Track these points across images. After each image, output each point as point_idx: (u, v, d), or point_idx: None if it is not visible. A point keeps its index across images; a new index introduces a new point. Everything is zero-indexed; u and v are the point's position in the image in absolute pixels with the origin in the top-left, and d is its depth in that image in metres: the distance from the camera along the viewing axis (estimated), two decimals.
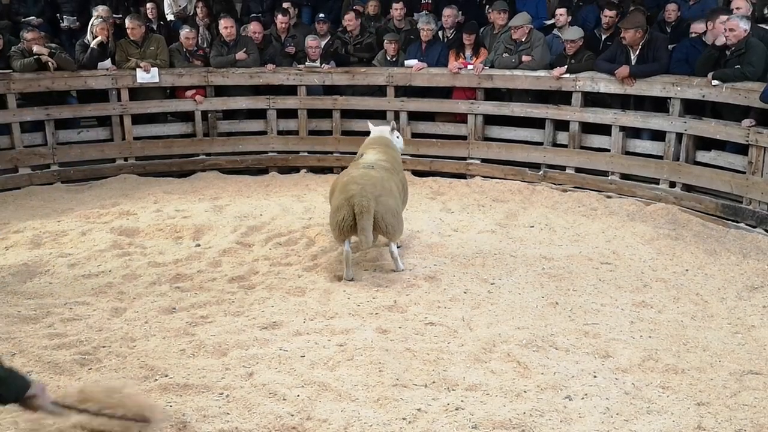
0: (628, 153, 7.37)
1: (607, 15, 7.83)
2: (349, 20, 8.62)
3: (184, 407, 3.39)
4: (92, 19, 8.06)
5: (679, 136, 6.92)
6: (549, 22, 8.75)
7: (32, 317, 4.41)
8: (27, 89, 7.71)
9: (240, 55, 8.28)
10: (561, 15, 8.25)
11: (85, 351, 3.96)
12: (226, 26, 8.31)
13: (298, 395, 3.52)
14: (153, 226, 6.24)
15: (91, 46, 7.69)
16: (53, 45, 7.99)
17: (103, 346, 4.03)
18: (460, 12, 8.95)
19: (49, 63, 7.68)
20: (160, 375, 3.71)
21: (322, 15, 8.98)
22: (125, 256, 5.50)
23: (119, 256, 5.50)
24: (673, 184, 7.02)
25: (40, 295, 4.81)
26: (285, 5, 9.29)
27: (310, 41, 8.41)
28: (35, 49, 7.65)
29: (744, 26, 6.39)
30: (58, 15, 9.35)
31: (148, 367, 3.78)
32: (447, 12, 8.54)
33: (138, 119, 8.28)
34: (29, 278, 5.10)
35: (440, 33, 8.61)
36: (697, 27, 7.17)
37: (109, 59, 8.00)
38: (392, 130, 6.12)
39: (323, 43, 8.59)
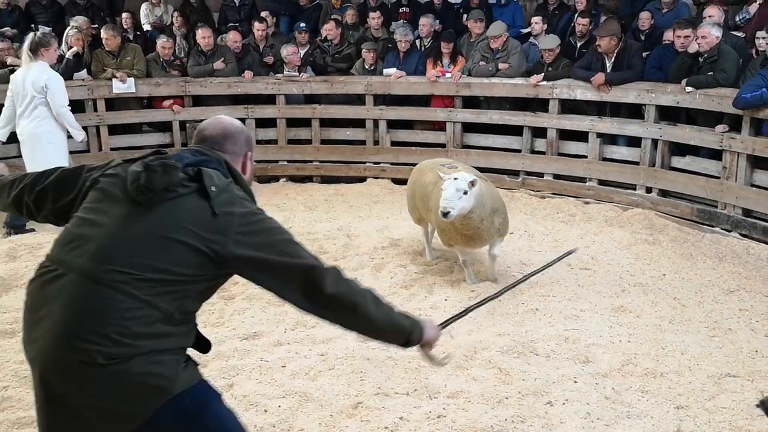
0: (605, 159, 7.45)
1: (581, 23, 7.92)
2: (329, 29, 8.63)
3: None
4: (67, 29, 8.00)
5: (655, 142, 7.00)
6: (525, 31, 8.83)
7: (8, 331, 4.35)
8: (1, 100, 7.61)
9: (218, 64, 8.26)
10: (536, 23, 8.32)
11: None
12: (203, 36, 8.28)
13: (280, 406, 3.50)
14: None
15: (67, 56, 7.62)
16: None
17: None
18: (437, 21, 9.01)
19: None
20: None
21: (303, 25, 8.99)
22: None
23: None
24: (649, 190, 7.10)
25: (16, 308, 4.73)
26: (263, 14, 9.29)
27: (290, 49, 8.40)
28: (9, 60, 7.57)
29: (716, 33, 6.49)
30: (32, 25, 9.25)
31: None
32: (423, 21, 8.59)
33: (115, 130, 8.22)
34: (5, 292, 5.02)
35: (417, 42, 8.65)
36: (670, 35, 7.28)
37: (85, 69, 7.94)
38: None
39: (302, 52, 8.60)
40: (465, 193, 4.52)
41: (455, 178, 4.54)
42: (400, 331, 2.28)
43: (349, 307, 2.16)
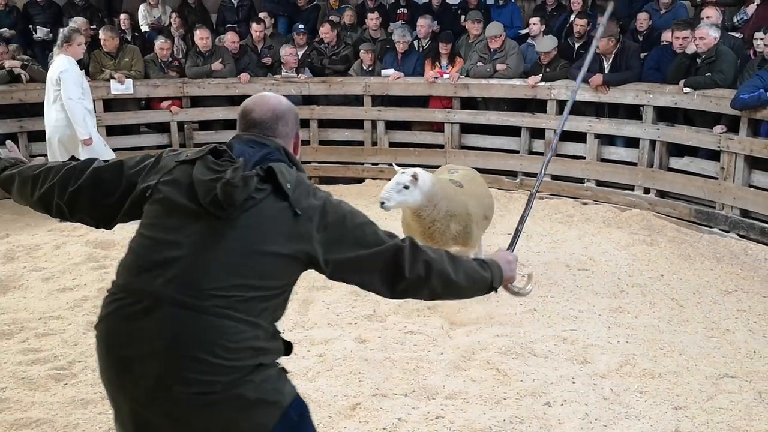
0: (603, 160, 7.45)
1: (579, 24, 7.93)
2: (325, 32, 8.63)
3: None
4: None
5: (653, 142, 7.01)
6: (524, 32, 8.83)
7: (6, 333, 4.34)
8: (1, 101, 7.62)
9: (216, 65, 8.25)
10: (534, 24, 8.33)
11: (61, 366, 3.90)
12: (201, 37, 8.27)
13: None
14: (129, 238, 6.17)
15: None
16: (25, 57, 7.90)
17: (79, 361, 3.98)
18: (435, 22, 9.01)
19: (22, 75, 7.59)
20: None
21: (301, 26, 8.98)
22: (101, 269, 5.44)
23: (95, 269, 5.43)
24: (647, 191, 7.11)
25: (14, 309, 4.74)
26: (261, 15, 9.29)
27: (288, 50, 8.40)
28: (7, 64, 7.59)
29: (714, 34, 6.50)
30: (30, 26, 9.25)
31: None
32: (421, 22, 8.59)
33: (113, 131, 8.21)
34: (2, 293, 5.02)
35: (416, 43, 8.65)
36: (668, 36, 7.29)
37: (83, 70, 7.92)
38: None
39: (300, 53, 8.60)
40: (405, 187, 4.46)
41: (402, 172, 4.53)
42: (483, 283, 2.23)
43: (433, 284, 2.11)
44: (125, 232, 6.56)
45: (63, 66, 6.49)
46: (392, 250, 2.06)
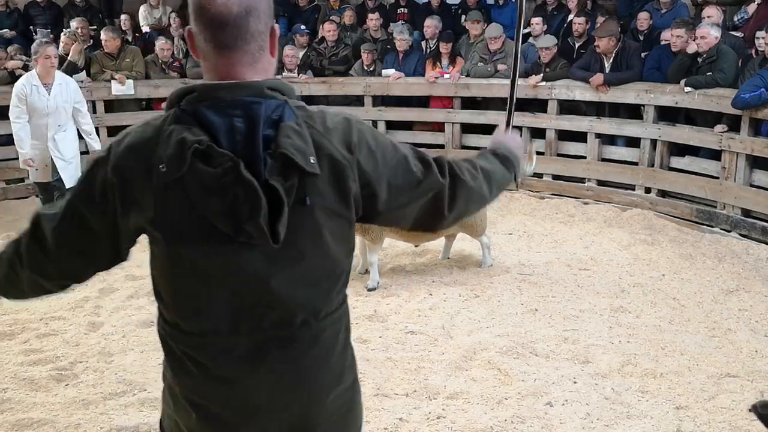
0: (603, 160, 7.45)
1: (577, 23, 7.93)
2: (329, 30, 8.63)
3: None
4: (61, 36, 7.99)
5: (654, 142, 7.01)
6: (524, 31, 8.82)
7: (7, 333, 4.35)
8: (0, 103, 7.61)
9: None
10: (537, 24, 8.33)
11: (62, 366, 3.90)
12: None
13: None
14: None
15: (69, 59, 7.62)
16: (26, 57, 7.90)
17: (80, 362, 3.98)
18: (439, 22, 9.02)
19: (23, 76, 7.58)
20: (138, 389, 3.67)
21: (303, 27, 8.98)
22: None
23: None
24: (648, 190, 7.10)
25: (15, 310, 4.74)
26: None
27: (288, 51, 8.40)
28: (9, 65, 7.59)
29: (715, 34, 6.50)
30: (31, 27, 9.26)
31: (126, 382, 3.74)
32: (428, 23, 8.57)
33: (114, 131, 8.20)
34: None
35: (423, 43, 8.66)
36: (667, 35, 7.28)
37: (84, 71, 7.94)
38: None
39: (300, 54, 8.60)
40: None
41: None
42: (509, 181, 2.00)
43: (470, 211, 1.89)
44: None
45: (19, 82, 6.10)
46: (438, 190, 1.78)
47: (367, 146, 1.63)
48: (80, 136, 6.28)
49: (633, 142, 7.25)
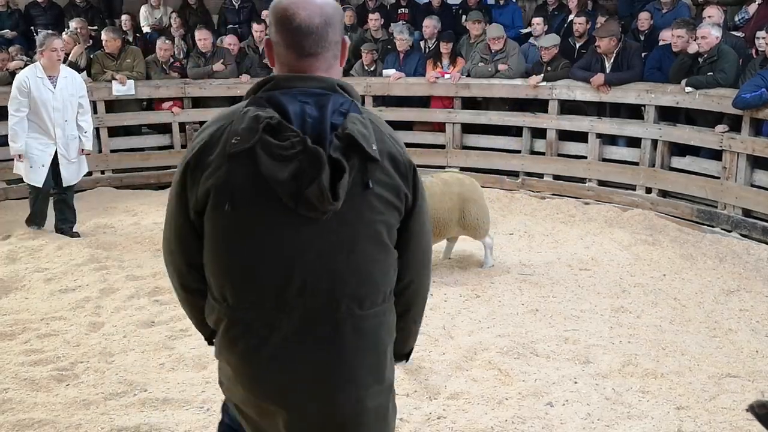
0: (604, 160, 7.45)
1: (578, 22, 7.93)
2: None
3: (164, 421, 3.36)
4: (63, 34, 7.99)
5: (655, 142, 7.00)
6: (525, 31, 8.83)
7: (8, 333, 4.34)
8: (1, 103, 7.61)
9: (217, 66, 8.26)
10: (538, 24, 8.32)
11: (63, 367, 3.90)
12: (201, 38, 8.30)
13: None
14: (131, 239, 6.19)
15: (69, 59, 7.62)
16: (25, 58, 7.91)
17: (81, 362, 3.98)
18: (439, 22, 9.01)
19: None
20: (139, 390, 3.67)
21: None
22: (102, 270, 5.44)
23: (96, 270, 5.44)
24: (649, 190, 7.10)
25: (16, 310, 4.74)
26: (262, 15, 9.29)
27: None
28: (10, 65, 7.60)
29: (715, 34, 6.50)
30: (32, 28, 9.26)
31: (126, 382, 3.74)
32: (427, 23, 8.58)
33: (114, 132, 8.22)
34: (5, 294, 5.02)
35: (422, 43, 8.66)
36: (664, 35, 7.28)
37: (85, 71, 7.94)
38: None
39: None
40: None
41: None
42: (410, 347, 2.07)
43: (418, 310, 1.93)
44: (127, 232, 6.57)
45: (21, 73, 6.00)
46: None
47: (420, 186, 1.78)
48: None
49: (634, 142, 7.25)
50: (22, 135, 5.90)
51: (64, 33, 7.90)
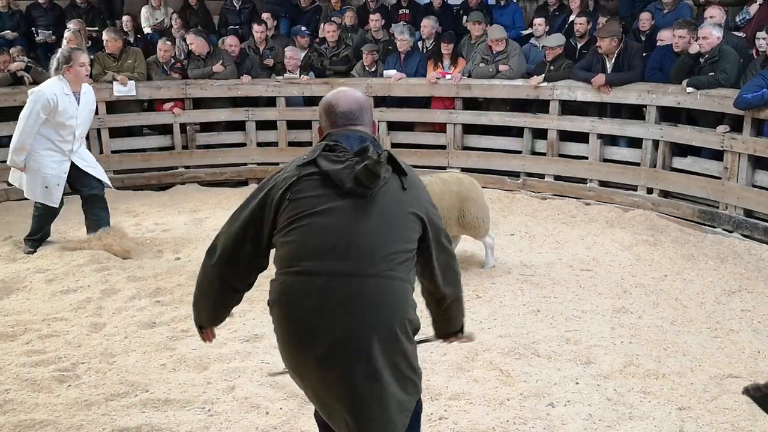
0: (605, 160, 7.44)
1: (579, 23, 7.93)
2: (330, 31, 8.64)
3: (165, 422, 3.36)
4: (66, 32, 8.01)
5: (656, 142, 7.00)
6: (525, 33, 8.82)
7: (9, 334, 4.35)
8: (2, 103, 7.63)
9: (217, 67, 8.26)
10: (539, 25, 8.32)
11: (64, 368, 3.91)
12: (190, 42, 8.32)
13: (281, 408, 3.50)
14: (132, 239, 6.19)
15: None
16: (27, 59, 7.92)
17: (82, 363, 3.98)
18: (438, 22, 9.01)
19: (25, 77, 7.61)
20: (140, 390, 3.67)
21: (304, 28, 8.99)
22: (104, 270, 5.44)
23: (98, 270, 5.44)
24: (650, 191, 7.10)
25: (18, 311, 4.75)
26: (263, 16, 9.29)
27: (289, 53, 8.41)
28: (11, 67, 7.60)
29: (717, 34, 6.49)
30: (33, 29, 9.27)
31: (128, 383, 3.74)
32: (425, 23, 8.59)
33: (116, 132, 8.23)
34: (6, 295, 5.02)
35: (420, 43, 8.65)
36: (664, 35, 7.27)
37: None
38: None
39: (302, 55, 8.60)
40: None
41: None
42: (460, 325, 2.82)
43: (457, 293, 2.64)
44: (129, 233, 6.54)
45: (48, 90, 5.51)
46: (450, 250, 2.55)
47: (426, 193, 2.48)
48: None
49: (635, 142, 7.25)
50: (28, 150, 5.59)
51: (66, 30, 7.90)
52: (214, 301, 2.53)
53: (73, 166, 5.75)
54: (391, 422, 2.29)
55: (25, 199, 7.62)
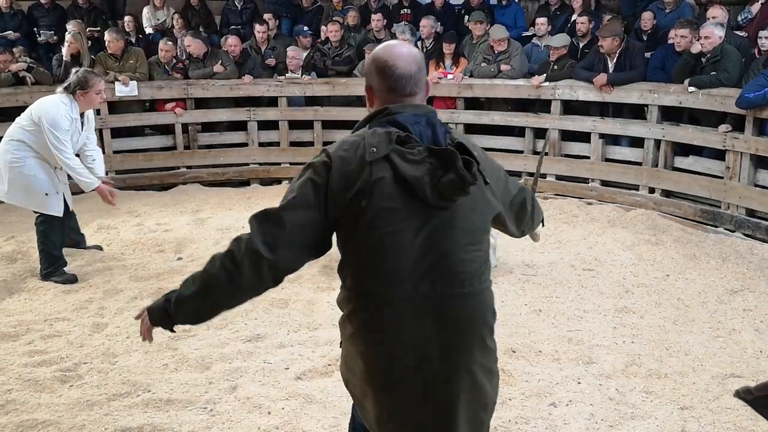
0: (607, 160, 7.44)
1: (581, 22, 7.92)
2: (333, 31, 8.65)
3: (167, 422, 3.36)
4: (66, 35, 8.01)
5: (658, 142, 6.99)
6: (527, 34, 8.81)
7: (12, 334, 4.35)
8: (4, 104, 7.64)
9: (217, 67, 8.27)
10: (542, 25, 8.31)
11: (66, 368, 3.91)
12: (188, 45, 8.34)
13: (283, 408, 3.50)
14: (134, 240, 6.19)
15: (64, 59, 7.62)
16: (29, 59, 7.93)
17: (85, 363, 3.98)
18: (439, 22, 9.01)
19: (27, 77, 7.62)
20: (142, 390, 3.68)
21: (306, 28, 8.99)
22: (106, 270, 5.45)
23: (100, 270, 5.44)
24: (652, 190, 7.09)
25: (20, 311, 4.75)
26: (264, 16, 9.30)
27: (291, 52, 8.41)
28: (13, 67, 7.61)
29: (719, 33, 6.49)
30: (35, 29, 9.29)
31: (130, 383, 3.74)
32: (424, 22, 8.58)
33: (117, 133, 8.23)
34: (8, 295, 5.03)
35: (419, 43, 8.65)
36: (674, 34, 7.26)
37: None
38: None
39: (304, 54, 8.60)
40: None
41: None
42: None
43: (536, 220, 2.48)
44: (131, 233, 6.56)
45: (63, 112, 5.12)
46: (532, 196, 2.41)
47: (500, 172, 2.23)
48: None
49: (637, 142, 7.24)
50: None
51: (67, 33, 7.91)
52: (241, 300, 2.16)
53: None
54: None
55: None
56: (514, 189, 2.28)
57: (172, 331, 2.20)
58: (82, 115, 5.30)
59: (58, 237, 5.35)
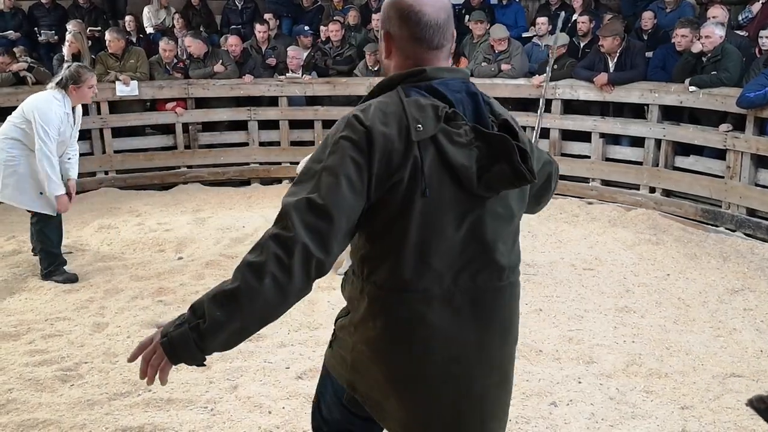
0: (608, 159, 7.44)
1: (581, 21, 7.92)
2: (334, 30, 8.65)
3: (168, 422, 3.36)
4: (66, 35, 8.02)
5: (658, 142, 7.00)
6: (527, 35, 8.81)
7: (12, 334, 4.36)
8: (5, 104, 7.62)
9: (218, 67, 8.27)
10: (542, 24, 8.31)
11: (67, 367, 3.91)
12: (189, 45, 8.34)
13: (284, 407, 3.50)
14: (134, 239, 6.20)
15: (65, 59, 7.63)
16: (29, 59, 7.93)
17: (85, 362, 3.99)
18: None
19: (28, 77, 7.62)
20: (143, 390, 3.68)
21: (307, 28, 8.99)
22: (107, 270, 5.45)
23: (101, 270, 5.45)
24: (653, 190, 7.09)
25: (21, 311, 4.76)
26: (265, 16, 9.30)
27: (292, 52, 8.41)
28: (14, 67, 7.61)
29: (719, 33, 6.49)
30: (36, 29, 9.29)
31: (131, 382, 3.74)
32: None
33: (118, 132, 8.24)
34: (9, 294, 5.03)
35: None
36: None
37: None
38: None
39: (304, 54, 8.60)
40: None
41: None
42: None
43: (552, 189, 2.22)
44: (131, 233, 6.56)
45: (54, 107, 5.06)
46: (556, 167, 2.20)
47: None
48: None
49: (637, 141, 7.24)
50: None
51: (67, 33, 7.92)
52: (287, 309, 1.85)
53: None
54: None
55: None
56: (545, 164, 2.10)
57: (203, 365, 1.86)
58: (74, 109, 5.28)
59: (55, 235, 5.33)
